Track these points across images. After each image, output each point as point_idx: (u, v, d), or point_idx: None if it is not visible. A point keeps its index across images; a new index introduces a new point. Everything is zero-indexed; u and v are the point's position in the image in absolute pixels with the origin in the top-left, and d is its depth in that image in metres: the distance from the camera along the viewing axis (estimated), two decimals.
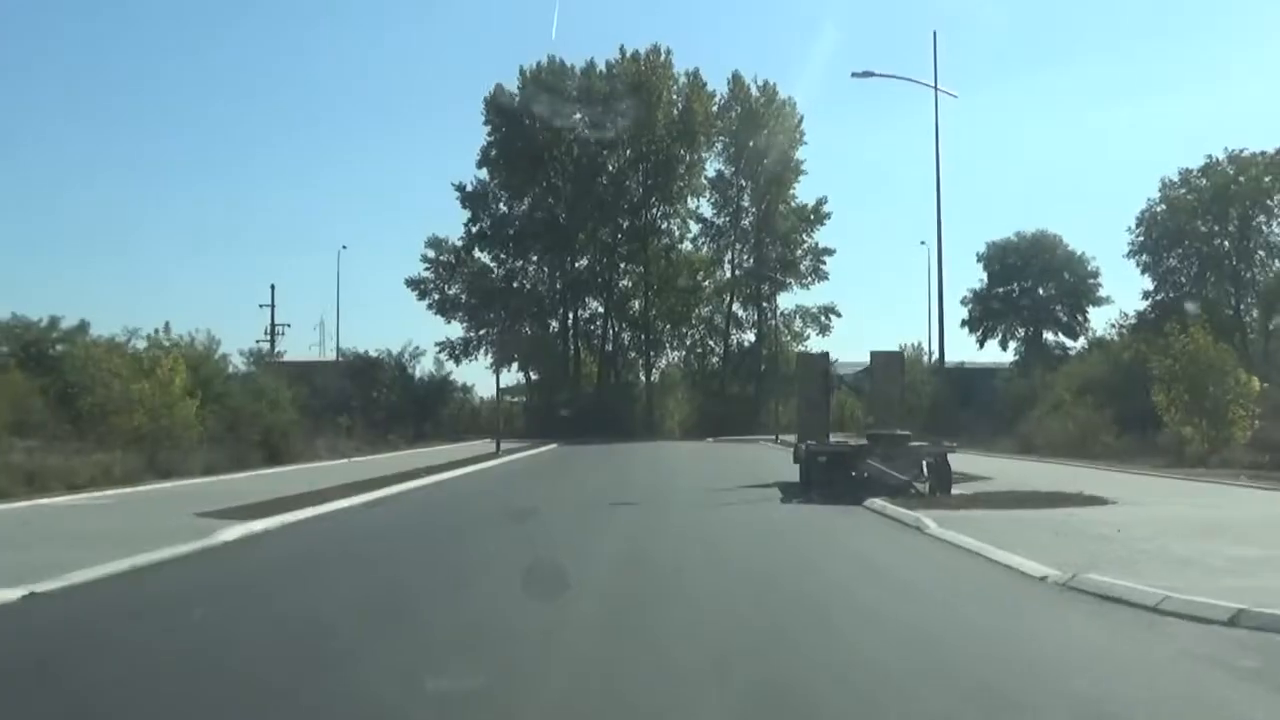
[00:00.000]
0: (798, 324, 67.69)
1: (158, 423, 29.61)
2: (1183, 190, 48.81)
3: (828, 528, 15.77)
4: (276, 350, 64.51)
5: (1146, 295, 49.03)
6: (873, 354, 25.32)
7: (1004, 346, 57.58)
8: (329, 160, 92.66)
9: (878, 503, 17.55)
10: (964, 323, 57.29)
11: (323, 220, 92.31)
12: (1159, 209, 48.91)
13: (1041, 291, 56.10)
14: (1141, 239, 48.97)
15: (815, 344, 69.82)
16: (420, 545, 14.20)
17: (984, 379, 53.53)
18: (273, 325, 66.02)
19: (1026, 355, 55.16)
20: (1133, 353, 46.86)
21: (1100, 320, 54.95)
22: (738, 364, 69.03)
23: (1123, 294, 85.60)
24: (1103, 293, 55.64)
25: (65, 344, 43.23)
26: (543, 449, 48.61)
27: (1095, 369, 46.37)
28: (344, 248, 62.94)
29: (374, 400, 56.88)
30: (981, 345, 57.58)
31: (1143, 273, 49.26)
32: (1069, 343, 56.84)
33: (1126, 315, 49.29)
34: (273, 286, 65.51)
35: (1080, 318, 56.35)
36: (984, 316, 56.85)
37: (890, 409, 23.75)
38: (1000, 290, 56.56)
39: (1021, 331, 57.00)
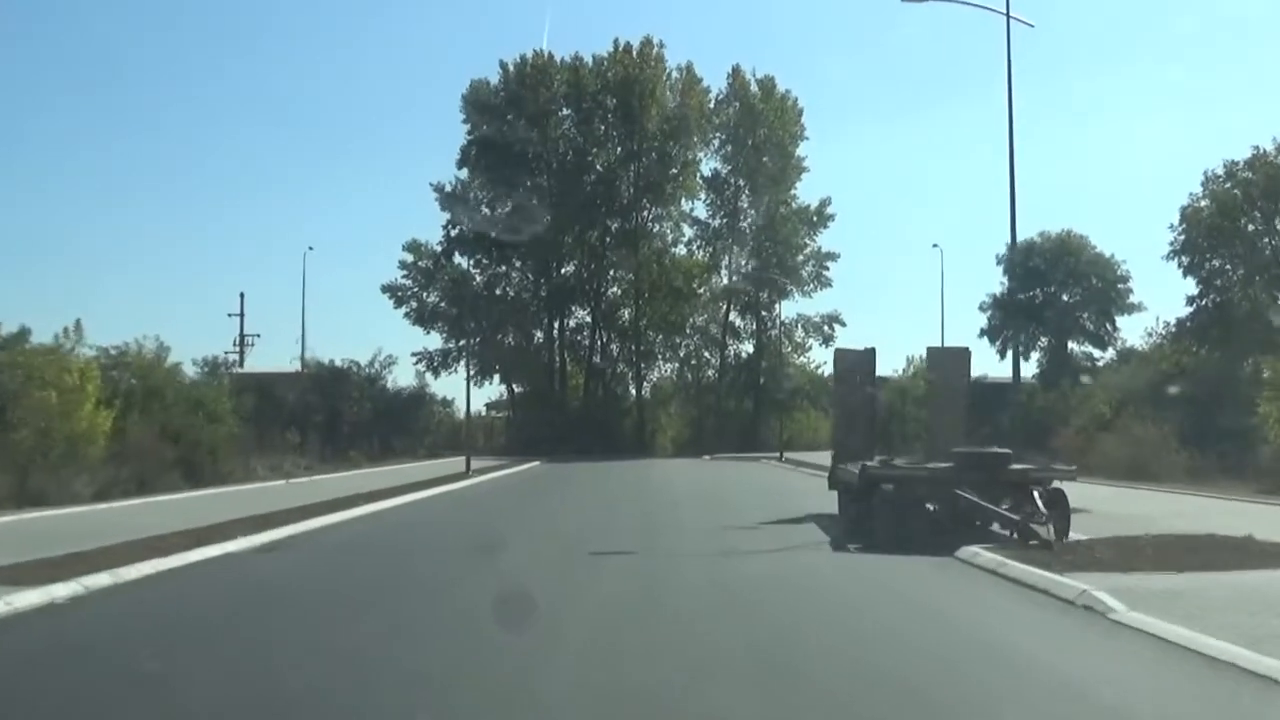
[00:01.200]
0: (799, 334, 61.98)
1: (47, 437, 24.08)
2: (1228, 184, 43.18)
3: (930, 600, 10.00)
4: (245, 361, 59.39)
5: (1191, 300, 43.30)
6: (930, 350, 19.67)
7: (1025, 357, 51.69)
8: (304, 164, 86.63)
9: (984, 555, 11.76)
10: (983, 331, 51.56)
11: (300, 227, 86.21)
12: (1202, 204, 43.25)
13: (1067, 297, 50.26)
14: (1183, 238, 43.21)
15: (817, 355, 64.46)
16: (280, 641, 8.38)
17: (1001, 394, 47.90)
18: (241, 335, 60.85)
19: (1050, 367, 49.39)
20: (1172, 363, 41.75)
21: (1133, 329, 49.14)
22: (735, 377, 63.19)
23: (1156, 300, 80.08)
24: (1134, 299, 49.82)
25: (3, 351, 39.03)
26: (523, 467, 42.92)
27: (1134, 381, 41.06)
28: (310, 249, 57.15)
29: (340, 414, 51.05)
30: (1002, 356, 51.74)
31: (1184, 275, 43.49)
32: (1096, 353, 50.99)
33: (1168, 324, 43.54)
34: (242, 295, 60.26)
35: (1109, 326, 50.46)
36: (1004, 324, 51.06)
37: (953, 423, 18.07)
38: (1022, 296, 50.75)
39: (1044, 341, 51.19)
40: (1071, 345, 51.01)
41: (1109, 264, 49.59)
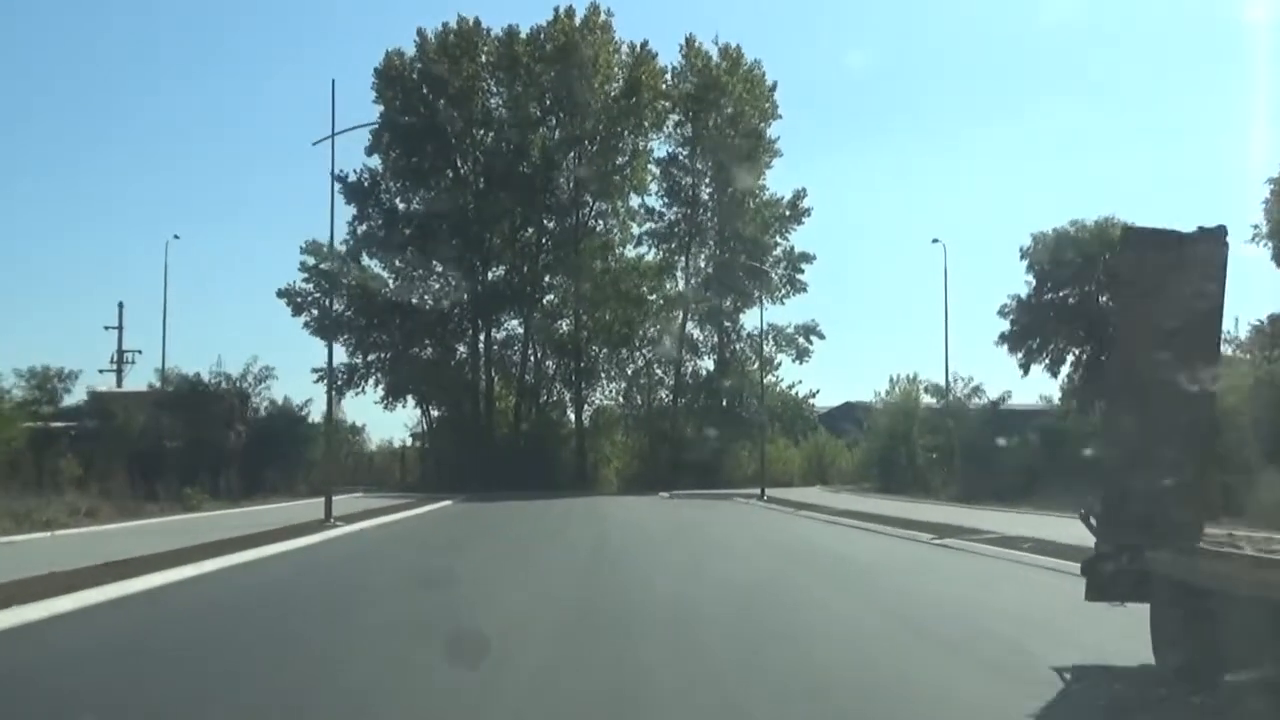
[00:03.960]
0: (769, 348, 50.31)
1: None
2: None
3: None
4: (124, 380, 47.18)
5: None
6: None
7: (1054, 372, 40.85)
8: (188, 154, 72.75)
9: None
10: (1003, 336, 40.69)
11: (197, 230, 72.19)
12: None
13: (1105, 299, 39.63)
14: (1275, 215, 32.78)
15: (789, 373, 52.91)
16: None
17: (1018, 421, 37.05)
18: (120, 350, 48.24)
19: (1085, 383, 38.53)
20: (1262, 373, 31.41)
21: None
22: (693, 399, 51.43)
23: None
24: None
25: None
26: (426, 509, 30.84)
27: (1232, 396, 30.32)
28: (176, 237, 44.77)
29: (205, 441, 38.46)
30: (1026, 371, 40.81)
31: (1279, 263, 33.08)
32: None
33: (1261, 324, 33.01)
34: (120, 304, 47.87)
35: None
36: (1029, 332, 40.22)
37: None
38: (1051, 297, 40.06)
39: (1076, 352, 40.41)
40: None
41: None
